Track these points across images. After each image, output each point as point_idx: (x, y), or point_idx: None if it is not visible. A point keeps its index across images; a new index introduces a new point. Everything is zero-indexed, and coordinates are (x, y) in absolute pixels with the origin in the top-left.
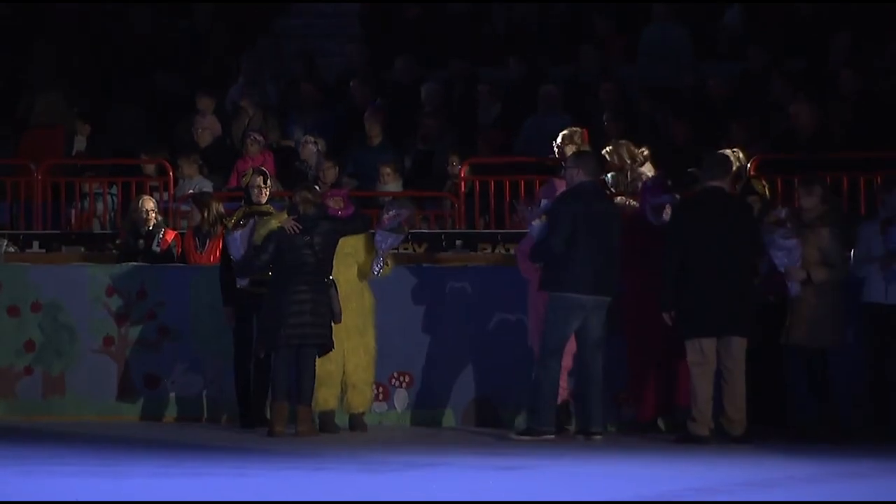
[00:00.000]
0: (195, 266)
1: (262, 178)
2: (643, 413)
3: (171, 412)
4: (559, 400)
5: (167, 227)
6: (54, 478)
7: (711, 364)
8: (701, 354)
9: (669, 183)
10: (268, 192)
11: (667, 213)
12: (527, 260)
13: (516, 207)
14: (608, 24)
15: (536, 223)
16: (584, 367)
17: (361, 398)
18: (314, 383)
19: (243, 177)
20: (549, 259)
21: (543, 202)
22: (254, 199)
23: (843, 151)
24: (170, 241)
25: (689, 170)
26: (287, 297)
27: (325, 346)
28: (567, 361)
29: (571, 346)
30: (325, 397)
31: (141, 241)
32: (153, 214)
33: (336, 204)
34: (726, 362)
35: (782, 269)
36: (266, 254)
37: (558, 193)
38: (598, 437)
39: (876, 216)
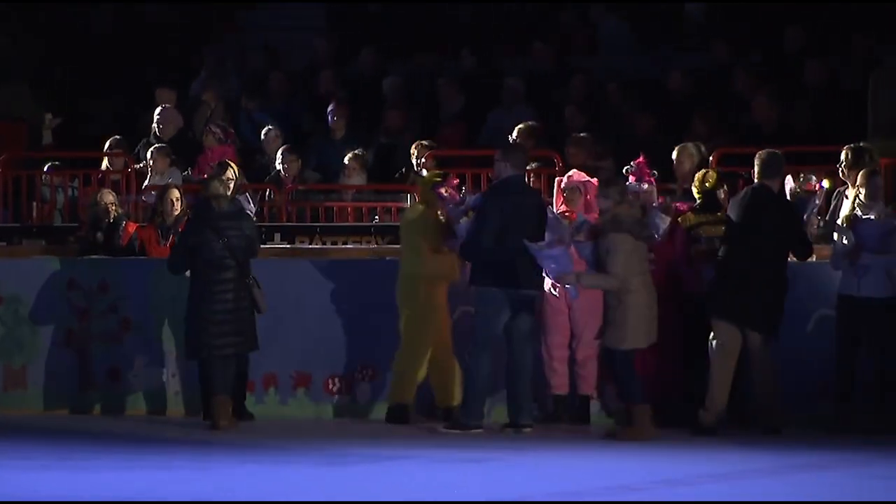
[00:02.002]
0: (157, 259)
1: (229, 171)
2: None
3: (133, 406)
4: (557, 391)
5: (128, 220)
6: (14, 472)
7: (733, 355)
8: (723, 344)
9: (654, 171)
10: (233, 186)
11: (652, 199)
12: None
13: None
14: (570, 17)
15: (464, 221)
16: (513, 361)
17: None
18: (233, 380)
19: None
20: (479, 255)
21: (469, 198)
22: (228, 193)
23: (806, 145)
24: (131, 233)
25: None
26: (208, 305)
27: (249, 349)
28: (589, 351)
29: (594, 335)
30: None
31: (100, 234)
32: (113, 208)
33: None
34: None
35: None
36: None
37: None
38: (528, 429)
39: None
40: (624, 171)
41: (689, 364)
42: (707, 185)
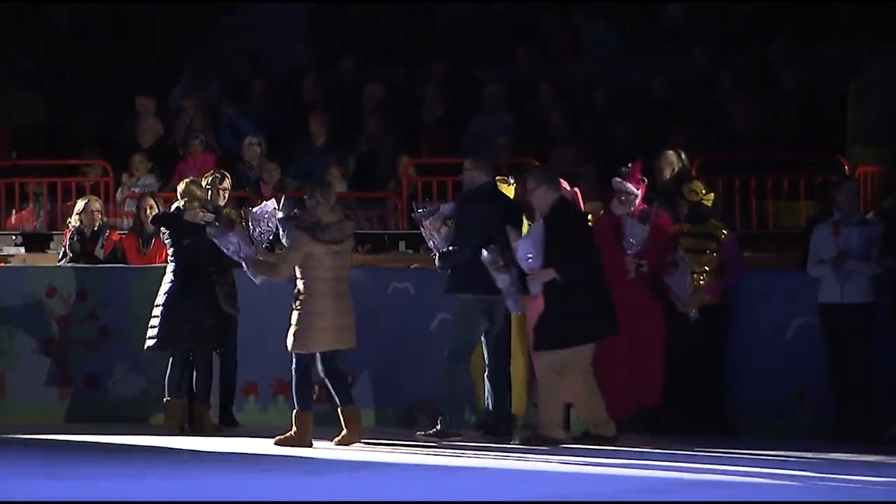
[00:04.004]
0: (136, 267)
1: (227, 181)
2: (616, 412)
3: (112, 413)
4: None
5: (112, 229)
6: None
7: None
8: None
9: (642, 177)
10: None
11: (630, 205)
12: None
13: (414, 209)
14: (552, 23)
15: (443, 231)
16: (492, 368)
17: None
18: (209, 382)
19: (204, 177)
20: (458, 264)
21: (444, 207)
22: (217, 200)
23: (786, 152)
24: (115, 242)
25: None
26: (176, 300)
27: (210, 347)
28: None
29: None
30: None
31: (76, 244)
32: (99, 216)
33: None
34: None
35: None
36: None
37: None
38: (508, 436)
39: (827, 218)
40: (622, 171)
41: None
42: (693, 196)
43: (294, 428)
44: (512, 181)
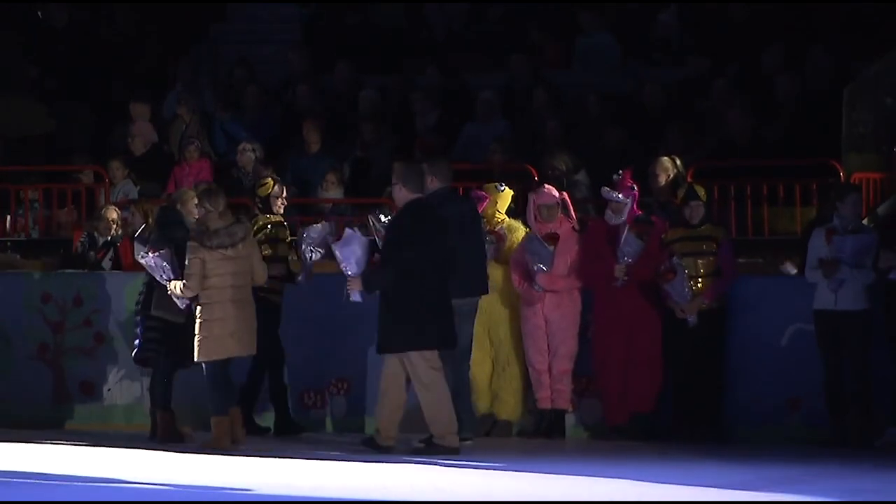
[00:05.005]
0: (131, 273)
1: (284, 189)
2: (612, 417)
3: (107, 419)
4: (541, 406)
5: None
6: None
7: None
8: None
9: (632, 185)
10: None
11: (622, 213)
12: (517, 272)
13: (370, 219)
14: (542, 32)
15: None
16: (451, 376)
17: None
18: (163, 389)
19: (261, 186)
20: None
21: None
22: (275, 209)
23: (781, 158)
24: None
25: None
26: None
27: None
28: (565, 365)
29: (570, 349)
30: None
31: (92, 253)
32: (114, 225)
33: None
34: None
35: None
36: None
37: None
38: (469, 442)
39: (826, 223)
40: (614, 178)
41: (668, 377)
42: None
43: (212, 432)
44: (502, 188)
